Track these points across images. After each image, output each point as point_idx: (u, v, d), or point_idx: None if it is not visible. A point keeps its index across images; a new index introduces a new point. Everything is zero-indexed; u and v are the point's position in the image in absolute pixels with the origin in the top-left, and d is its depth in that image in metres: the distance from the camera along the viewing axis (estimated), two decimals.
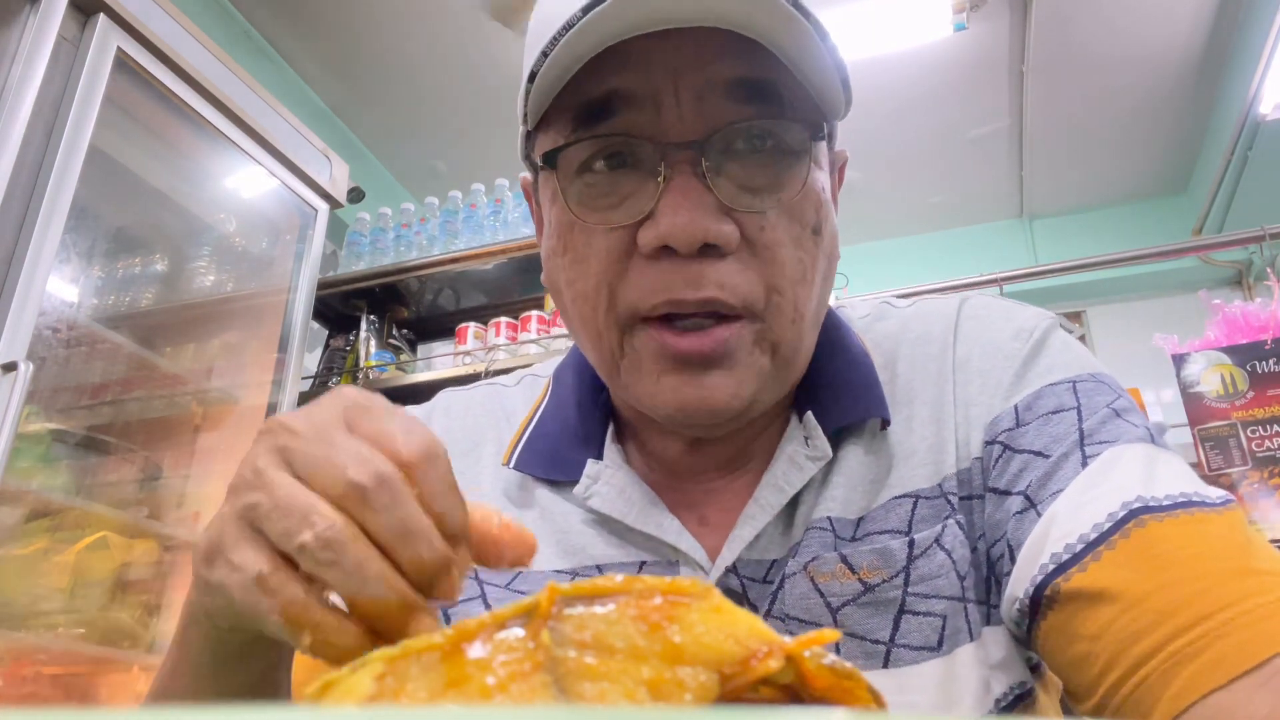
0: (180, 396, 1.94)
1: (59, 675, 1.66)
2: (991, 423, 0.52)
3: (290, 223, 2.16)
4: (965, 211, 3.90)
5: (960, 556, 0.50)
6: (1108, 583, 0.43)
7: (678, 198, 0.45)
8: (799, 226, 0.48)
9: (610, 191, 0.48)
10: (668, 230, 0.45)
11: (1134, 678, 0.41)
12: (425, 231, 2.44)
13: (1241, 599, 0.41)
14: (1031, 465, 0.49)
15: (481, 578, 0.56)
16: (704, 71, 0.46)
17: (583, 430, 0.57)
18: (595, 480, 0.55)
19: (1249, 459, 1.98)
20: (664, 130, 0.46)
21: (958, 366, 0.55)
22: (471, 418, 0.64)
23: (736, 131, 0.47)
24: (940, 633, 0.49)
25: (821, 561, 0.50)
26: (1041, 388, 0.52)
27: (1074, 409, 0.50)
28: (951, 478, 0.52)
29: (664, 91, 0.46)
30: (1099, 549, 0.44)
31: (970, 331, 0.56)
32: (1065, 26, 2.94)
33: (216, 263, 2.13)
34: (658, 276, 0.47)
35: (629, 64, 0.46)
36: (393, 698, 0.19)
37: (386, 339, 2.44)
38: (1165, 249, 2.66)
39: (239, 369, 2.02)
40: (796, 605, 0.50)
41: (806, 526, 0.52)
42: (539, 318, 2.21)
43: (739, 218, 0.47)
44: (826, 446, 0.52)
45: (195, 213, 2.07)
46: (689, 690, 0.20)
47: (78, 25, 1.59)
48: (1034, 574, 0.46)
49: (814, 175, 0.49)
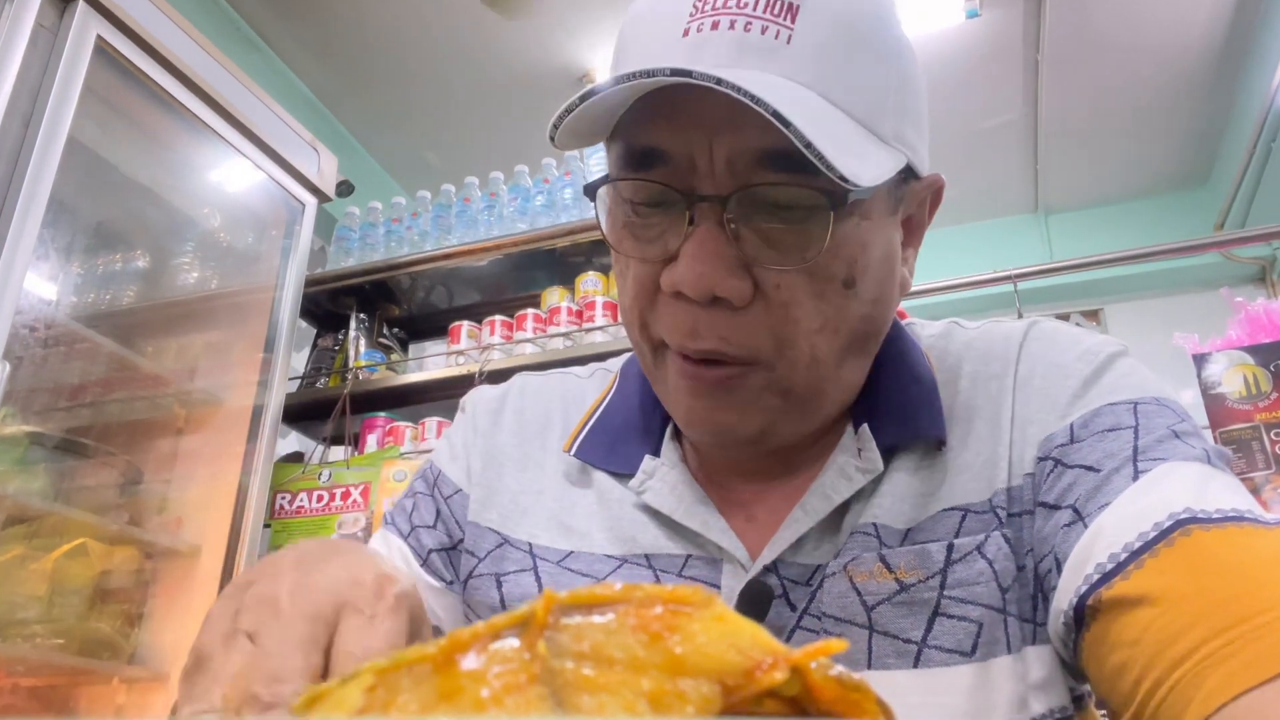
0: (162, 398, 1.94)
1: (37, 687, 1.66)
2: (1046, 439, 0.54)
3: (277, 217, 2.16)
4: (978, 206, 3.90)
5: (1003, 569, 0.52)
6: (1149, 588, 0.44)
7: (697, 247, 0.50)
8: (823, 282, 0.51)
9: (648, 226, 0.53)
10: (681, 279, 0.50)
11: (1169, 679, 0.42)
12: (417, 226, 2.44)
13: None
14: (1081, 480, 0.51)
15: (535, 554, 0.61)
16: (737, 137, 0.50)
17: (643, 426, 0.63)
18: (650, 476, 0.60)
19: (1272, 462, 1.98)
20: (695, 184, 0.51)
21: (1019, 385, 0.58)
22: (543, 402, 0.70)
23: (760, 193, 0.50)
24: (975, 639, 0.51)
25: (861, 561, 0.53)
26: (1100, 406, 0.54)
27: (1131, 428, 0.52)
28: (1002, 493, 0.54)
29: (699, 151, 0.50)
30: (1142, 557, 0.46)
31: (1035, 351, 0.59)
32: (1081, 13, 2.94)
33: (200, 259, 2.13)
34: (674, 317, 0.52)
35: (675, 118, 0.51)
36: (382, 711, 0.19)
37: (377, 338, 2.43)
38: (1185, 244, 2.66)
39: (223, 369, 2.02)
40: (833, 604, 0.53)
41: (852, 531, 0.55)
42: (535, 316, 2.21)
43: (758, 273, 0.51)
44: (878, 461, 0.56)
45: (178, 207, 2.07)
46: (691, 703, 0.20)
47: (56, 12, 1.59)
48: (1078, 585, 0.48)
49: (848, 233, 0.51)
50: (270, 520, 2.04)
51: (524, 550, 0.62)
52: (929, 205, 0.61)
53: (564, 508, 0.62)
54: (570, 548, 0.60)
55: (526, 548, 0.62)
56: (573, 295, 2.24)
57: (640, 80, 0.46)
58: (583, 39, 3.16)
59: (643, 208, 0.53)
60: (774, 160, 0.49)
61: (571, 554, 0.60)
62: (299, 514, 2.07)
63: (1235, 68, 3.17)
